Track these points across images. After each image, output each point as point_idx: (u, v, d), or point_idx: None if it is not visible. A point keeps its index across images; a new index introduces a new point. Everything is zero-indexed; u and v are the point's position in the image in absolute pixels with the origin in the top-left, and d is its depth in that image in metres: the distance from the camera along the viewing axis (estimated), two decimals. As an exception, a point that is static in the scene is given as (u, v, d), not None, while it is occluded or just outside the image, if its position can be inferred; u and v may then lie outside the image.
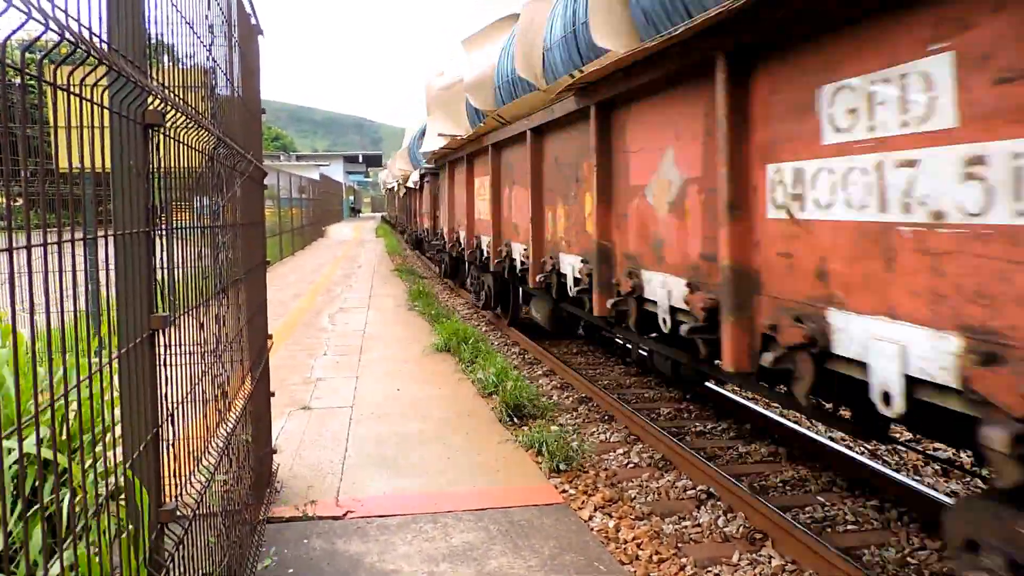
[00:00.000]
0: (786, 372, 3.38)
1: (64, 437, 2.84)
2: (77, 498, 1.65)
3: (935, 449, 5.71)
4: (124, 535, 1.91)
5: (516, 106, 7.62)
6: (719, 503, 4.85)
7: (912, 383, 2.70)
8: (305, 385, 7.58)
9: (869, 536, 4.40)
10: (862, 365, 2.95)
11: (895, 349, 2.75)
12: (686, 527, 4.56)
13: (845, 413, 4.66)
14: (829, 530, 4.51)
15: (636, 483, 5.25)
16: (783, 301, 3.41)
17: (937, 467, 5.49)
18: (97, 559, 1.82)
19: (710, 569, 4.05)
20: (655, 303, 4.76)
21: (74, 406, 2.44)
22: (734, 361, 3.67)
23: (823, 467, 5.42)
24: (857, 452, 5.66)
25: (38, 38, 1.35)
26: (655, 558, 4.12)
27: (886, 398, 2.81)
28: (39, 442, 2.77)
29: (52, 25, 1.35)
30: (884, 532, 4.45)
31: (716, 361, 4.05)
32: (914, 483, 4.99)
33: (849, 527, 4.54)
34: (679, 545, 4.31)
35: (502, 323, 11.16)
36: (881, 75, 2.83)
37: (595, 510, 4.72)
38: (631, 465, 5.63)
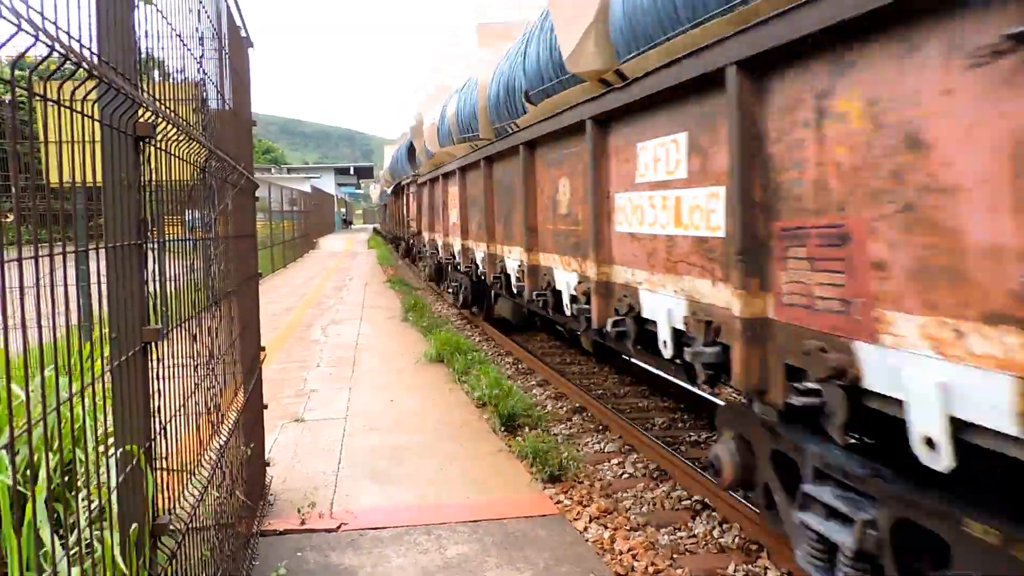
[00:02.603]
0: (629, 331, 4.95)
1: (56, 450, 2.82)
2: (71, 511, 1.64)
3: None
4: (118, 549, 1.89)
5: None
6: (714, 514, 4.85)
7: (676, 329, 4.29)
8: (298, 397, 7.55)
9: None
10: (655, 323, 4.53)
11: (666, 312, 4.36)
12: (681, 538, 4.55)
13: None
14: (824, 538, 4.50)
15: (631, 493, 5.24)
16: (620, 285, 5.08)
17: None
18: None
19: (706, 579, 4.04)
20: (561, 292, 6.40)
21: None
22: (598, 321, 5.34)
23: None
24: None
25: (27, 50, 1.35)
26: (651, 569, 4.11)
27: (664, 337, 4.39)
28: (32, 455, 2.74)
29: (42, 37, 1.35)
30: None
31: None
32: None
33: (844, 535, 4.54)
34: (674, 556, 4.30)
35: (478, 319, 12.95)
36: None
37: (590, 521, 4.70)
38: (626, 475, 5.62)
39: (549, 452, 5.49)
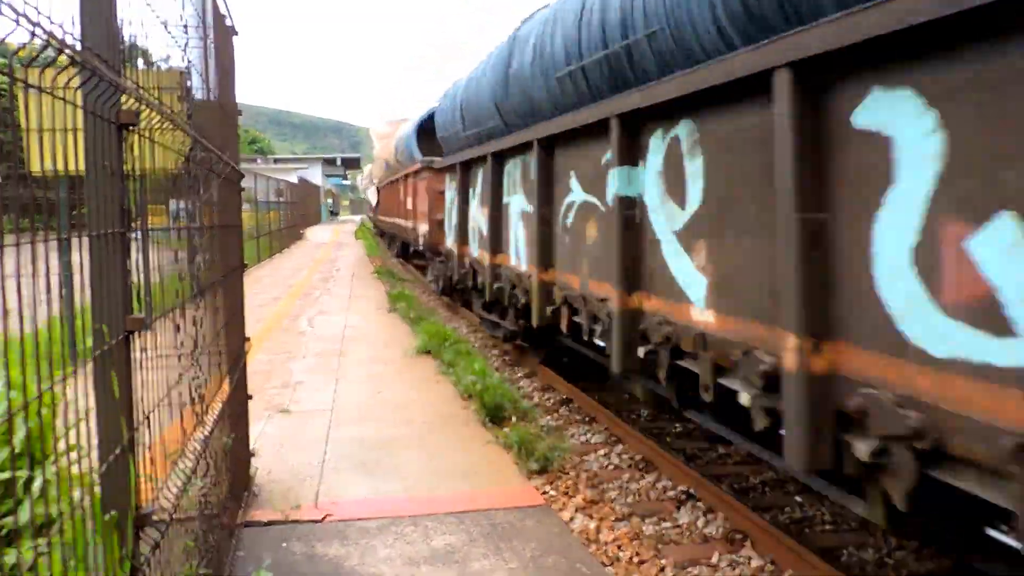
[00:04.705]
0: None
1: (38, 440, 2.80)
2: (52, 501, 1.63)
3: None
4: (100, 538, 1.88)
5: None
6: (699, 504, 4.87)
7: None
8: (284, 389, 7.53)
9: (847, 536, 4.44)
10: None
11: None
12: (666, 528, 4.58)
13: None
14: (808, 531, 4.54)
15: (617, 484, 5.27)
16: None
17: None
18: (73, 563, 1.79)
19: (690, 570, 4.07)
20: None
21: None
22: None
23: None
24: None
25: (7, 36, 1.33)
26: (636, 559, 4.13)
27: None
28: (12, 448, 2.73)
29: (23, 22, 1.33)
30: (862, 533, 4.49)
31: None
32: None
33: (827, 527, 4.58)
34: (659, 546, 4.33)
35: (407, 264, 21.60)
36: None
37: (576, 511, 4.72)
38: (612, 466, 5.64)
39: (535, 443, 5.50)
